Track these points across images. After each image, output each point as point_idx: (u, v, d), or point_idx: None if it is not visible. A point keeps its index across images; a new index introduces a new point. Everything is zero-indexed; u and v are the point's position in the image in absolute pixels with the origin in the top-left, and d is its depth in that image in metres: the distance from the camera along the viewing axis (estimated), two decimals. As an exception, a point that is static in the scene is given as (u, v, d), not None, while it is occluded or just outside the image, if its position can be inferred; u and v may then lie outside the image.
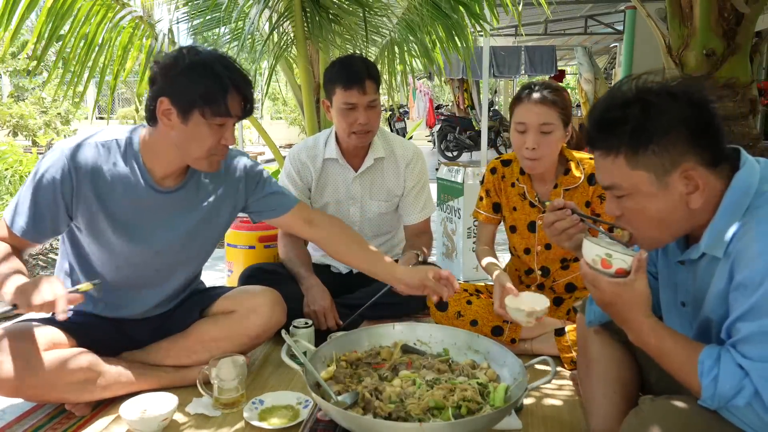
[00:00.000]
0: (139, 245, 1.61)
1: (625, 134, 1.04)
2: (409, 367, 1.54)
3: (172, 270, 1.72)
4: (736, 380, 0.96)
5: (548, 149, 1.82)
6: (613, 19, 10.89)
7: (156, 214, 1.61)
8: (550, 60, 10.29)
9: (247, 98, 1.51)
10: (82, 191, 1.51)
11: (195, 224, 1.67)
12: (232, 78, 1.46)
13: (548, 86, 1.84)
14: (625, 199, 1.09)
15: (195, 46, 1.51)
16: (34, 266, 3.48)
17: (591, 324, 1.40)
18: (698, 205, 1.04)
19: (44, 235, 1.53)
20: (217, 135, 1.49)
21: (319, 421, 1.51)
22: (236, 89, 1.47)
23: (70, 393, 1.53)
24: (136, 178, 1.55)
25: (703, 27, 2.82)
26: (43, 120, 11.27)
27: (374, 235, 2.34)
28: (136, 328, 1.73)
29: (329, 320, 2.02)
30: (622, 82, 1.09)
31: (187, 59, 1.45)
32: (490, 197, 2.08)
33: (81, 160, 1.50)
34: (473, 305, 1.96)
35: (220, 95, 1.44)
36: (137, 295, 1.70)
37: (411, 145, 2.33)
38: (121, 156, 1.55)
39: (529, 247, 2.02)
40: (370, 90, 2.04)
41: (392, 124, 13.04)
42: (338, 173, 2.24)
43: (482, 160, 7.29)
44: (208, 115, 1.45)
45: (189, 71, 1.44)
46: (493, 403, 1.36)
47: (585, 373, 1.45)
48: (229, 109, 1.47)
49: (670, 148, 1.02)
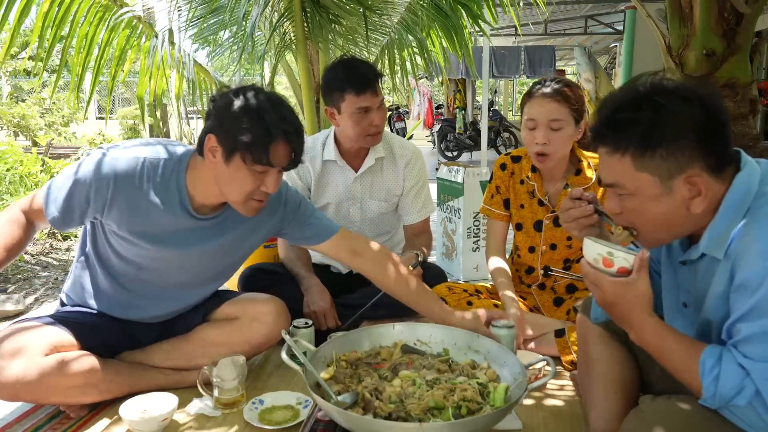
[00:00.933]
0: (165, 260, 1.61)
1: (635, 135, 1.03)
2: (409, 367, 1.53)
3: (193, 287, 1.72)
4: (738, 380, 0.96)
5: (558, 145, 1.79)
6: (613, 19, 10.89)
7: (188, 235, 1.60)
8: (549, 60, 10.28)
9: (295, 150, 1.49)
10: (116, 201, 1.50)
11: (226, 248, 1.67)
12: (283, 128, 1.43)
13: (560, 81, 1.82)
14: (627, 198, 1.09)
15: (256, 88, 1.48)
16: (35, 265, 3.48)
17: (597, 321, 1.39)
18: (699, 211, 1.04)
19: (69, 225, 1.56)
20: (256, 181, 1.47)
21: (319, 421, 1.51)
22: (284, 140, 1.44)
23: (70, 396, 1.53)
24: (174, 201, 1.54)
25: (703, 27, 2.83)
26: (45, 121, 11.27)
27: (375, 235, 2.34)
28: (142, 330, 1.73)
29: (329, 321, 2.02)
30: (638, 79, 1.08)
31: (241, 101, 1.43)
32: (501, 194, 2.05)
33: (122, 173, 1.49)
34: (473, 306, 1.95)
35: (263, 144, 1.42)
36: (152, 304, 1.70)
37: (410, 145, 2.32)
38: (167, 176, 1.53)
39: (534, 246, 2.01)
40: (379, 91, 2.06)
41: (392, 124, 13.04)
42: (338, 174, 2.24)
43: (482, 160, 7.30)
44: (249, 161, 1.43)
45: (239, 114, 1.42)
46: (494, 404, 1.36)
47: (585, 373, 1.45)
48: (271, 159, 1.44)
49: (678, 154, 1.02)
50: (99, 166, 1.48)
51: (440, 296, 1.99)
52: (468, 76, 10.07)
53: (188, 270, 1.66)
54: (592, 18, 10.77)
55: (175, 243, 1.59)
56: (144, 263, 1.61)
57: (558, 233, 1.96)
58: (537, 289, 2.08)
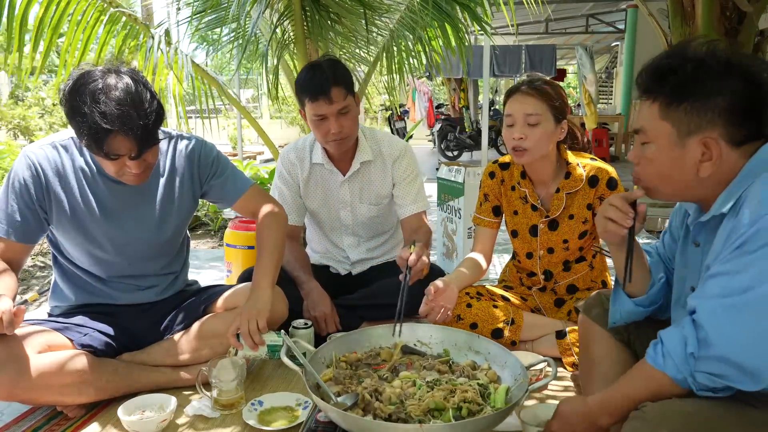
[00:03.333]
0: (108, 234, 1.65)
1: (668, 84, 1.07)
2: (410, 368, 1.53)
3: (151, 258, 1.75)
4: (678, 336, 1.02)
5: (535, 140, 1.79)
6: (614, 17, 10.90)
7: (118, 203, 1.65)
8: (550, 60, 10.27)
9: (135, 137, 1.42)
10: (50, 189, 1.58)
11: (159, 212, 1.70)
12: (111, 125, 1.39)
13: (539, 79, 1.83)
14: (646, 147, 1.12)
15: (96, 73, 1.43)
16: (32, 266, 3.47)
17: (616, 324, 1.39)
18: (707, 174, 1.06)
19: (31, 233, 1.60)
20: (117, 165, 1.48)
21: (319, 422, 1.50)
22: (117, 132, 1.40)
23: (66, 395, 1.52)
24: (92, 171, 1.61)
25: (705, 25, 2.82)
26: (45, 122, 11.28)
27: (370, 237, 2.32)
28: (133, 320, 1.74)
29: (329, 326, 2.01)
30: (691, 41, 1.11)
31: (73, 96, 1.41)
32: (490, 201, 2.05)
33: (44, 160, 1.58)
34: (473, 308, 1.93)
35: (96, 141, 1.41)
36: (125, 284, 1.74)
37: (400, 143, 2.26)
38: (78, 151, 1.61)
39: (531, 251, 2.01)
40: (337, 98, 1.95)
41: (392, 123, 13.02)
42: (326, 177, 2.21)
43: (482, 159, 7.29)
44: (101, 156, 1.46)
45: (70, 111, 1.42)
46: (494, 405, 1.35)
47: (586, 374, 1.44)
48: (108, 153, 1.42)
49: (701, 113, 1.04)
50: (24, 165, 1.56)
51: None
52: (469, 75, 10.05)
53: (134, 240, 1.69)
54: (593, 17, 10.78)
55: (112, 214, 1.64)
56: (93, 250, 1.66)
57: (554, 237, 1.95)
58: (537, 291, 2.07)
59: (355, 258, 2.32)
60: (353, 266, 2.33)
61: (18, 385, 1.43)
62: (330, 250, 2.36)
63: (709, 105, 1.03)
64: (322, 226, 2.32)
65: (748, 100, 1.03)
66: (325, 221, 2.30)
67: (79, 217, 1.62)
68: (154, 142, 1.50)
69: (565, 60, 16.51)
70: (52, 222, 1.62)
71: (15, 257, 1.59)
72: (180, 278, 1.87)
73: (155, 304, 1.79)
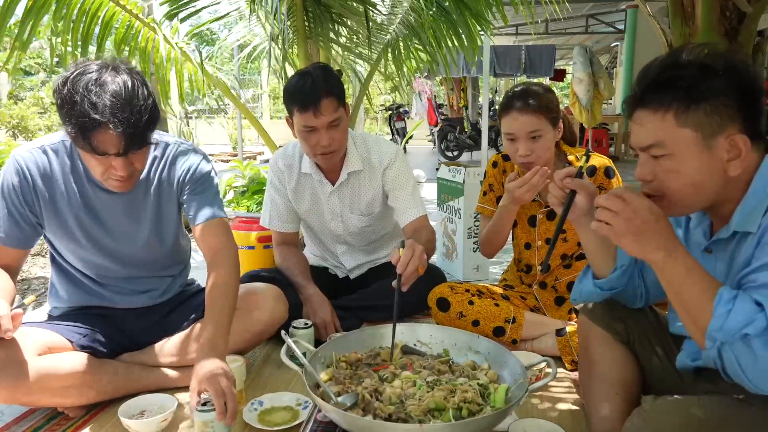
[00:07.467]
0: (99, 240, 1.63)
1: (679, 90, 1.05)
2: (410, 368, 1.53)
3: (140, 263, 1.72)
4: (749, 314, 0.96)
5: (542, 152, 1.82)
6: (614, 18, 10.89)
7: (109, 209, 1.62)
8: (549, 60, 10.26)
9: (124, 134, 1.37)
10: (38, 193, 1.55)
11: (150, 218, 1.66)
12: (101, 116, 1.34)
13: (530, 93, 1.81)
14: (664, 160, 1.08)
15: (86, 69, 1.39)
16: (32, 266, 3.48)
17: (575, 302, 1.43)
18: (737, 173, 1.05)
19: (25, 238, 1.58)
20: (103, 165, 1.43)
21: (319, 422, 1.50)
22: (105, 125, 1.35)
23: (66, 397, 1.52)
24: (81, 176, 1.58)
25: (705, 26, 2.82)
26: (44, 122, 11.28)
27: (364, 245, 2.30)
28: (132, 322, 1.73)
29: (330, 331, 2.00)
30: (681, 48, 1.11)
31: (64, 89, 1.36)
32: (494, 191, 2.09)
33: (32, 164, 1.55)
34: (475, 305, 1.95)
35: (84, 135, 1.36)
36: (120, 286, 1.72)
37: (390, 149, 2.16)
38: (68, 156, 1.58)
39: (530, 241, 2.02)
40: (328, 110, 1.87)
41: (392, 124, 13.01)
42: (315, 187, 2.16)
43: (482, 159, 7.29)
44: (82, 149, 1.43)
45: (61, 104, 1.37)
46: (494, 405, 1.35)
47: (586, 373, 1.44)
48: (95, 148, 1.37)
49: (721, 111, 1.03)
50: (13, 169, 1.54)
51: (442, 296, 1.99)
52: (469, 74, 10.04)
53: (125, 246, 1.66)
54: (593, 17, 10.77)
55: (105, 222, 1.61)
56: (87, 256, 1.64)
57: (552, 228, 1.96)
58: (538, 288, 2.07)
59: (350, 265, 2.31)
60: (350, 272, 2.33)
61: (18, 388, 1.42)
62: (326, 256, 2.36)
63: (725, 102, 1.03)
64: (314, 233, 2.31)
65: (751, 91, 1.04)
66: (317, 230, 2.27)
67: (68, 222, 1.58)
68: (144, 143, 1.44)
69: (565, 60, 16.50)
70: (44, 226, 1.59)
71: (11, 263, 1.57)
72: (178, 280, 1.85)
73: (154, 306, 1.78)
